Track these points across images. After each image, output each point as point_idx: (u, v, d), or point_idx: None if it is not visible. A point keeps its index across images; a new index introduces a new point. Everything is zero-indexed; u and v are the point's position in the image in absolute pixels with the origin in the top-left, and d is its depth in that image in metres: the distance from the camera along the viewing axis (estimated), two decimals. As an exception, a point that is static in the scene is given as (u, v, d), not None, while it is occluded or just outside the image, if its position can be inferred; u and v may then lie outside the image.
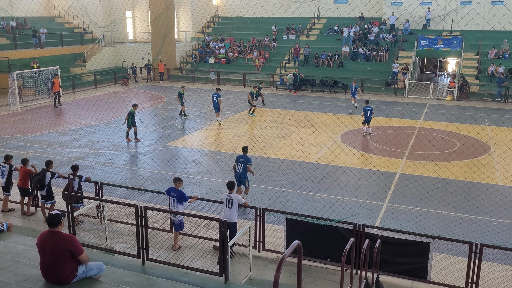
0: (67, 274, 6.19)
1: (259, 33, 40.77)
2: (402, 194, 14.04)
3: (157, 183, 14.80)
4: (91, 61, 37.21)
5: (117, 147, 19.38)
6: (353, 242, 6.17)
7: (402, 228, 10.17)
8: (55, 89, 27.26)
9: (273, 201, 13.34)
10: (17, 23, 35.69)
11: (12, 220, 11.90)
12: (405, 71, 32.70)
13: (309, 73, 34.84)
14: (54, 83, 27.17)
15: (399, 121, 23.56)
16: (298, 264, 4.04)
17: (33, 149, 18.65)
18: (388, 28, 37.76)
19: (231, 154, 18.20)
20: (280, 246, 10.51)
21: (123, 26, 43.94)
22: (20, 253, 7.36)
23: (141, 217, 9.07)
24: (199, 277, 8.65)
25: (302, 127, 21.85)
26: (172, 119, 24.62)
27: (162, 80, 37.61)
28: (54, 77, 27.36)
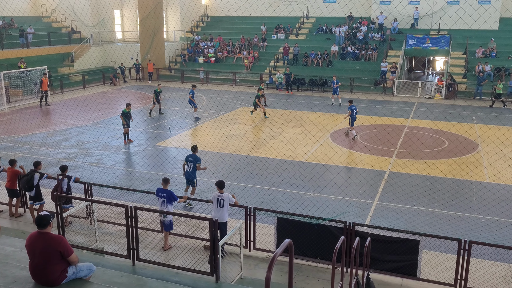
0: (56, 275, 6.16)
1: (248, 33, 40.76)
2: (391, 192, 14.14)
3: (147, 183, 14.73)
4: (79, 61, 36.92)
5: (106, 147, 19.26)
6: (343, 240, 6.19)
7: (392, 226, 10.24)
8: (43, 87, 26.98)
9: (264, 200, 13.35)
10: (4, 22, 35.28)
11: (0, 221, 11.77)
12: (394, 70, 32.92)
13: (299, 72, 34.90)
14: (42, 82, 26.91)
15: (388, 119, 23.72)
16: (290, 263, 4.05)
17: (21, 150, 18.46)
18: (376, 27, 37.97)
19: (220, 153, 18.18)
20: (271, 245, 10.52)
21: (111, 26, 43.66)
22: (8, 255, 7.30)
23: (131, 217, 9.03)
24: (190, 277, 8.64)
25: (291, 126, 21.88)
26: (162, 119, 24.52)
27: (151, 80, 37.42)
28: (43, 76, 27.10)
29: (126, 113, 19.43)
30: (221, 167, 16.39)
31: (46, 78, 27.16)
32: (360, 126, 22.40)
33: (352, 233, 9.53)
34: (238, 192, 13.79)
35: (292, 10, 38.44)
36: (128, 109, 19.55)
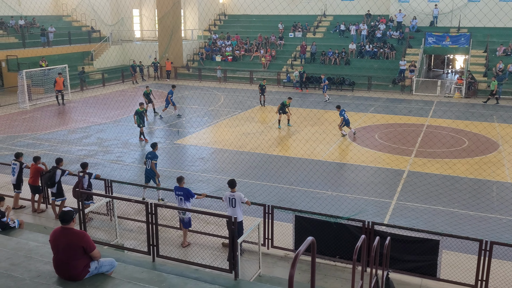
0: (79, 270, 6.23)
1: (265, 31, 40.76)
2: (410, 192, 14.02)
3: (166, 180, 14.85)
4: (99, 59, 37.37)
5: (126, 145, 19.48)
6: (364, 239, 6.18)
7: (411, 226, 10.17)
8: (57, 87, 27.19)
9: (281, 198, 13.37)
10: (26, 22, 35.89)
11: (23, 217, 12.01)
12: (413, 68, 32.58)
13: (316, 71, 34.79)
14: (56, 82, 27.13)
15: (407, 118, 23.50)
16: (312, 261, 4.07)
17: (43, 147, 18.79)
18: (395, 26, 37.61)
19: (238, 151, 18.24)
20: (288, 244, 10.54)
21: (130, 25, 44.09)
22: (32, 250, 7.44)
23: (151, 214, 9.13)
24: (209, 273, 8.71)
25: (309, 124, 21.83)
26: (180, 117, 24.67)
27: (169, 78, 37.70)
28: (57, 76, 27.36)
29: (140, 112, 19.57)
30: (239, 165, 16.45)
31: (60, 78, 27.33)
32: (377, 125, 22.25)
33: (371, 232, 9.49)
34: (256, 190, 13.85)
35: (310, 9, 38.31)
36: (142, 108, 19.68)
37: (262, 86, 26.90)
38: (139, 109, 19.66)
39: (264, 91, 26.93)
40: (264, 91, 26.88)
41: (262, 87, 26.84)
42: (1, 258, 6.73)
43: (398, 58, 34.25)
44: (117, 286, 6.20)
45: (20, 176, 12.84)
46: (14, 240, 8.12)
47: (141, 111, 19.64)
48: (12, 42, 33.13)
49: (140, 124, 19.65)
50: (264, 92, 26.95)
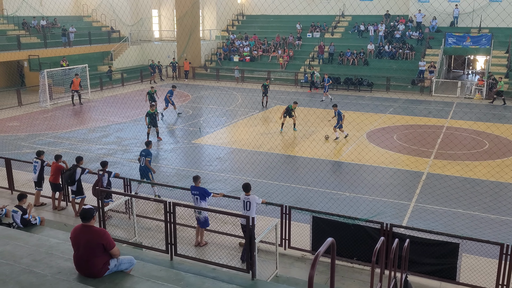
0: (99, 267, 6.29)
1: (283, 31, 40.73)
2: (430, 194, 13.85)
3: (183, 180, 14.95)
4: (118, 59, 37.79)
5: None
6: (383, 241, 6.13)
7: (430, 228, 10.05)
8: (73, 87, 27.33)
9: (299, 199, 13.34)
10: (47, 22, 36.49)
11: (44, 214, 12.21)
12: (432, 69, 32.19)
13: (334, 71, 34.65)
14: (73, 82, 27.31)
15: (426, 119, 23.21)
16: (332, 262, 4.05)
17: (63, 145, 19.07)
18: (414, 26, 37.21)
19: (255, 152, 18.26)
20: (305, 244, 10.51)
21: (149, 25, 44.48)
22: (53, 246, 7.54)
23: (170, 213, 9.19)
24: (226, 273, 8.73)
25: (327, 125, 21.73)
26: (198, 117, 24.81)
27: (187, 78, 37.94)
28: (74, 77, 27.54)
29: (151, 114, 19.58)
30: (256, 165, 16.46)
31: (77, 79, 27.48)
32: (396, 126, 22.05)
33: (389, 234, 9.41)
34: (273, 190, 13.85)
35: (330, 9, 38.13)
36: (152, 110, 19.67)
37: (265, 86, 26.68)
38: (150, 111, 19.72)
39: (267, 91, 26.65)
40: (267, 91, 26.60)
41: (265, 87, 26.60)
42: (23, 254, 6.86)
43: (418, 58, 33.89)
44: (136, 284, 6.26)
45: (41, 174, 13.06)
46: (36, 236, 8.25)
47: (152, 112, 19.65)
48: (34, 42, 33.69)
49: (150, 125, 19.59)
50: (267, 92, 26.66)
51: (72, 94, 27.56)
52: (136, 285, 6.22)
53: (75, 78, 27.29)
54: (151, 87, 25.47)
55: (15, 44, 31.79)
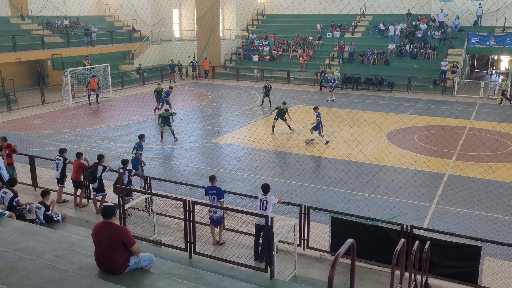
0: (119, 264, 6.35)
1: (303, 31, 40.59)
2: (451, 196, 13.64)
3: (202, 178, 15.01)
4: (139, 58, 38.17)
5: (164, 143, 19.82)
6: (404, 243, 6.06)
7: (451, 231, 9.90)
8: (90, 87, 27.56)
9: (318, 199, 13.28)
10: (70, 22, 37.10)
11: (66, 211, 12.39)
12: (455, 69, 31.69)
13: (354, 71, 34.42)
14: (90, 83, 27.56)
15: (449, 120, 22.86)
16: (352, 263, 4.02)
17: (85, 143, 19.36)
18: (437, 25, 36.69)
19: (274, 151, 18.24)
20: (324, 245, 10.46)
21: (170, 25, 44.82)
22: (75, 243, 7.66)
23: (189, 211, 9.24)
24: (244, 272, 8.75)
25: (346, 125, 21.60)
26: (217, 116, 24.91)
27: (207, 78, 38.11)
28: (91, 77, 27.79)
29: (164, 117, 19.71)
30: (275, 165, 16.45)
31: (94, 80, 27.68)
32: (418, 127, 21.79)
33: (410, 236, 9.30)
34: (292, 190, 13.82)
35: (351, 8, 37.84)
36: (167, 114, 19.77)
37: (266, 87, 26.37)
38: (163, 114, 19.87)
39: (269, 92, 26.33)
40: (268, 92, 26.26)
41: (266, 88, 26.29)
42: (46, 250, 6.98)
43: (440, 58, 33.41)
44: (155, 281, 6.31)
45: (63, 171, 13.27)
46: (58, 233, 8.39)
47: (165, 116, 19.76)
48: (58, 41, 34.27)
49: (163, 124, 19.76)
50: (269, 93, 26.35)
51: (88, 93, 27.84)
52: (156, 283, 6.27)
53: (92, 79, 27.59)
54: (158, 84, 25.54)
55: (39, 43, 32.39)
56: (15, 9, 35.58)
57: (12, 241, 7.30)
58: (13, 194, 10.35)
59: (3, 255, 6.56)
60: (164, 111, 20.18)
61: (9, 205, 10.18)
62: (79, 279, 6.00)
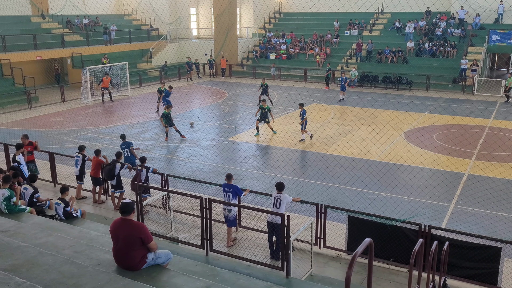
0: (137, 260, 6.41)
1: (320, 29, 40.40)
2: (471, 196, 13.44)
3: (219, 176, 15.06)
4: (157, 57, 38.46)
5: (181, 140, 19.94)
6: (422, 243, 5.99)
7: (470, 231, 9.75)
8: (102, 85, 27.73)
9: (334, 198, 13.21)
10: (90, 20, 37.54)
11: (85, 207, 12.58)
12: (475, 67, 31.19)
13: (372, 69, 34.14)
14: (102, 81, 27.73)
15: (469, 119, 22.52)
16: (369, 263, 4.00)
17: (104, 140, 19.59)
18: (456, 23, 36.14)
19: (291, 150, 18.20)
20: (341, 244, 10.41)
21: (187, 23, 45.04)
22: (93, 239, 7.77)
23: (206, 209, 9.29)
24: (260, 270, 8.76)
25: (364, 124, 21.44)
26: (234, 114, 24.95)
27: (224, 76, 38.20)
28: (104, 76, 27.97)
29: (166, 115, 19.77)
30: (292, 163, 16.42)
31: (107, 78, 27.82)
32: (437, 126, 21.52)
33: (428, 236, 9.20)
34: (309, 189, 13.78)
35: (370, 6, 37.49)
36: (168, 111, 19.88)
37: (263, 86, 26.07)
38: (165, 111, 19.90)
39: (267, 91, 25.96)
40: (266, 91, 25.86)
41: (263, 87, 25.99)
42: (65, 246, 7.08)
43: (459, 56, 32.92)
44: (172, 278, 6.36)
45: (82, 168, 13.45)
46: (77, 229, 8.52)
47: (167, 113, 19.82)
48: (77, 40, 34.71)
49: (167, 124, 19.80)
50: (267, 92, 26.00)
51: (102, 91, 28.07)
52: (173, 279, 6.32)
53: (105, 77, 27.80)
54: (162, 84, 25.32)
55: (59, 42, 32.86)
56: (36, 8, 36.13)
57: (32, 236, 7.43)
58: (34, 190, 10.54)
59: (24, 250, 6.68)
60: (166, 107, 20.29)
61: (30, 201, 10.37)
62: (98, 274, 6.08)
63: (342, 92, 28.15)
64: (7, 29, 30.59)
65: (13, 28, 31.65)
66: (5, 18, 32.18)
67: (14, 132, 20.46)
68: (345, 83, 28.17)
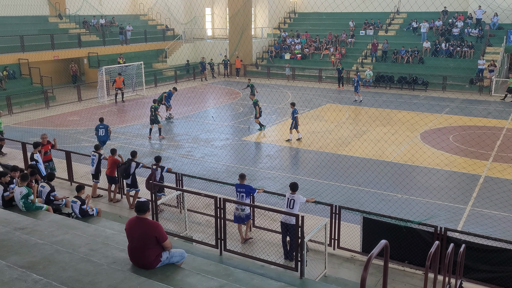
0: (152, 259, 6.45)
1: (335, 29, 40.22)
2: (488, 198, 13.25)
3: (233, 176, 15.08)
4: (172, 56, 38.67)
5: (196, 140, 20.02)
6: (438, 245, 5.93)
7: (487, 234, 9.62)
8: (116, 85, 27.90)
9: (349, 199, 13.15)
10: (106, 21, 37.89)
11: (100, 205, 12.69)
12: (492, 67, 30.76)
13: (387, 70, 33.87)
14: (115, 81, 27.91)
15: (486, 120, 22.22)
16: (385, 265, 3.97)
17: (119, 140, 19.75)
18: (474, 23, 35.68)
19: (305, 150, 18.15)
20: (355, 245, 10.35)
21: (202, 23, 45.21)
22: (109, 237, 7.83)
23: (220, 208, 9.31)
24: (274, 270, 8.76)
25: (379, 124, 21.28)
26: (248, 114, 24.97)
27: (239, 76, 38.26)
28: (117, 76, 28.13)
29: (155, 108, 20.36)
30: (306, 163, 16.37)
31: (120, 78, 27.97)
32: (453, 127, 21.27)
33: (443, 239, 9.10)
34: (323, 189, 13.73)
35: (386, 5, 37.20)
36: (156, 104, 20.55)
37: (249, 86, 25.89)
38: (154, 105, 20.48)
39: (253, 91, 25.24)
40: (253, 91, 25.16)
41: (250, 87, 25.76)
42: (81, 243, 7.16)
43: (477, 57, 32.49)
44: (186, 277, 6.39)
45: (98, 167, 13.59)
46: (93, 227, 8.60)
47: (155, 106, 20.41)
48: (94, 40, 35.07)
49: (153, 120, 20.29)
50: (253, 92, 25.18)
51: (116, 92, 28.26)
52: (187, 278, 6.35)
53: (118, 77, 27.99)
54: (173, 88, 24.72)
55: (76, 42, 33.24)
56: (54, 8, 36.61)
57: (49, 234, 7.52)
58: (50, 188, 10.67)
59: (40, 248, 6.77)
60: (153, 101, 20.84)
61: (47, 199, 10.50)
62: (113, 272, 6.13)
63: (356, 93, 27.89)
64: (26, 29, 31.05)
65: (31, 28, 32.12)
66: (24, 18, 32.69)
67: (31, 131, 20.77)
68: (358, 84, 27.82)
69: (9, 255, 6.48)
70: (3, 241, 6.93)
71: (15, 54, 28.73)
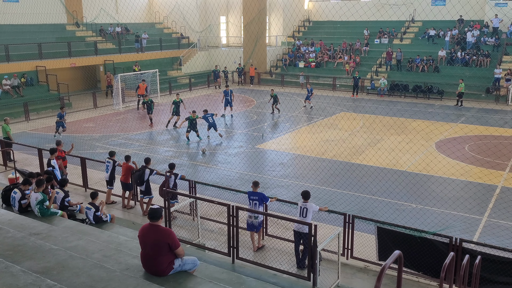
0: (164, 266, 6.45)
1: (350, 37, 40.14)
2: (504, 209, 13.04)
3: (246, 184, 15.08)
4: (186, 64, 38.95)
5: (209, 147, 20.07)
6: (453, 256, 5.84)
7: (504, 246, 9.45)
8: (139, 92, 28.02)
9: (363, 208, 13.05)
10: (122, 29, 38.37)
11: (114, 212, 12.77)
12: (509, 77, 30.37)
13: (402, 78, 33.68)
14: (139, 87, 28.07)
15: (503, 130, 21.92)
16: (398, 275, 3.93)
17: (134, 146, 19.91)
18: (490, 31, 35.34)
19: (319, 158, 18.09)
20: (368, 255, 10.25)
21: (217, 31, 45.50)
22: (122, 243, 7.87)
23: (233, 216, 9.30)
24: (286, 279, 8.71)
25: (395, 133, 21.13)
26: (262, 122, 24.99)
27: (253, 84, 38.35)
28: (141, 82, 28.38)
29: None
30: (319, 172, 16.30)
31: (144, 84, 28.15)
32: (469, 136, 21.02)
33: (459, 250, 8.96)
34: (336, 198, 13.65)
35: (401, 14, 37.05)
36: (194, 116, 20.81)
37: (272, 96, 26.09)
38: (191, 117, 20.72)
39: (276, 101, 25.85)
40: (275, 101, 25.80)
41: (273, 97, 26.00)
42: (95, 250, 7.21)
43: (493, 66, 32.13)
44: (198, 285, 6.38)
45: (113, 173, 13.70)
46: (106, 233, 8.65)
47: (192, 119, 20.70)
48: (110, 47, 35.50)
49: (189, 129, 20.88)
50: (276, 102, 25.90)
51: (138, 98, 28.44)
52: (199, 286, 6.34)
53: (142, 84, 28.22)
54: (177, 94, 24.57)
55: (92, 49, 33.69)
56: (71, 16, 37.20)
57: (63, 240, 7.59)
58: (64, 194, 10.77)
59: (55, 253, 6.83)
60: (192, 113, 20.88)
61: (61, 204, 10.60)
62: (126, 279, 6.15)
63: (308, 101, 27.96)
64: (44, 37, 31.58)
65: (49, 36, 32.67)
66: (42, 26, 33.25)
67: (47, 137, 21.05)
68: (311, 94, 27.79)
69: (24, 260, 6.54)
70: (18, 246, 7.01)
71: (33, 62, 29.22)
